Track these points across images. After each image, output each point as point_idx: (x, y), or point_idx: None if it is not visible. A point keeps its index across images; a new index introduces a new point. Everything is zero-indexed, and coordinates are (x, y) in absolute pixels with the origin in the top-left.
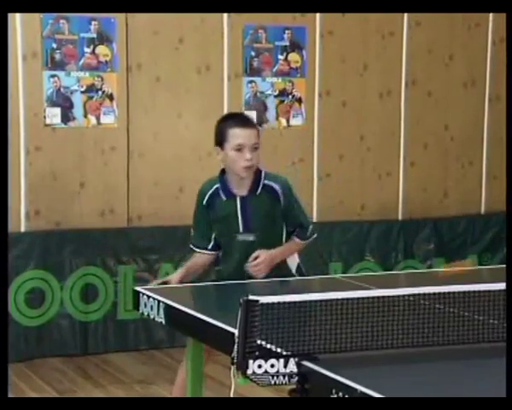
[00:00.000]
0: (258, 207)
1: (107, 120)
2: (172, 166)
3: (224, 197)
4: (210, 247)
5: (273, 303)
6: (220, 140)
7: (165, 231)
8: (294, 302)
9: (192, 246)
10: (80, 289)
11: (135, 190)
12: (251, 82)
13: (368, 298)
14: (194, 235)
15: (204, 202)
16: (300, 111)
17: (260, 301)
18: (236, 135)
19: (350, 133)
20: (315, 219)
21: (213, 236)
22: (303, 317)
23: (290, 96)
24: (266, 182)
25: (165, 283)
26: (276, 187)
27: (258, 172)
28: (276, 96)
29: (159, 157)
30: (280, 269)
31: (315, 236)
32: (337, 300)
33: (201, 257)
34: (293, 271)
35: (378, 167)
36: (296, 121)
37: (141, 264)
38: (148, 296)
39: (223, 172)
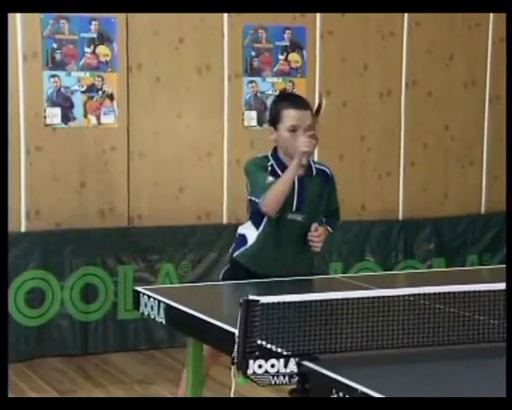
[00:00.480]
0: (313, 188)
1: (107, 120)
2: (172, 166)
3: (280, 174)
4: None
5: (273, 303)
6: (274, 120)
7: (165, 231)
8: (295, 302)
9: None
10: (80, 289)
11: (135, 189)
12: (251, 82)
13: (368, 298)
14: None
15: (266, 166)
16: None
17: (261, 301)
18: (291, 116)
19: (350, 133)
20: None
21: None
22: (303, 317)
23: None
24: (317, 166)
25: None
26: (328, 171)
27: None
28: None
29: (159, 157)
30: (307, 255)
31: (337, 227)
32: (337, 300)
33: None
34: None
35: (378, 167)
36: None
37: (141, 264)
38: (149, 296)
39: (275, 150)
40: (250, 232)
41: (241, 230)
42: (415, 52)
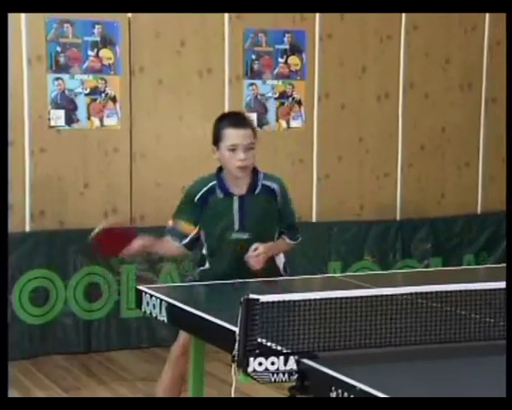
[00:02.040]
0: (256, 206)
1: (110, 121)
2: (174, 168)
3: (220, 195)
4: (184, 243)
5: (273, 302)
6: (216, 140)
7: None
8: (294, 301)
9: (169, 234)
10: (83, 288)
11: (137, 190)
12: (251, 85)
13: (366, 297)
14: (171, 228)
15: (196, 199)
16: (300, 113)
17: (261, 300)
18: (230, 135)
19: (349, 135)
20: (314, 220)
21: (192, 235)
22: (303, 315)
23: (290, 99)
24: (264, 182)
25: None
26: (274, 187)
27: (255, 172)
28: (276, 99)
29: (161, 158)
30: (269, 267)
31: (300, 239)
32: (336, 298)
33: (172, 244)
34: (281, 270)
35: (376, 169)
36: (296, 123)
37: (143, 263)
38: (151, 295)
39: (219, 170)
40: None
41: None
42: (412, 55)
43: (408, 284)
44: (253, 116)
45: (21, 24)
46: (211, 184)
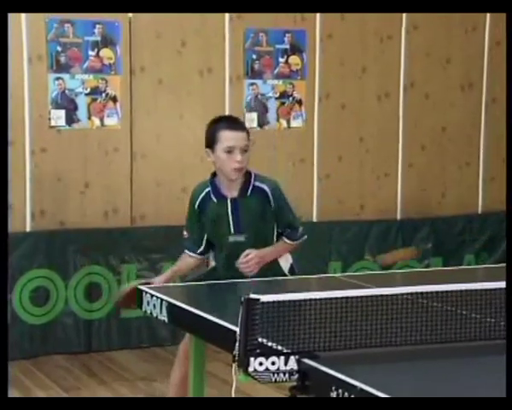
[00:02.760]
0: (248, 208)
1: (110, 121)
2: (174, 167)
3: (214, 200)
4: (199, 251)
5: (274, 302)
6: (211, 142)
7: (167, 231)
8: (295, 301)
9: (186, 249)
10: (84, 287)
11: (138, 190)
12: (252, 84)
13: (367, 297)
14: (187, 238)
15: (196, 205)
16: (300, 113)
17: (261, 300)
18: (227, 137)
19: (349, 135)
20: (314, 219)
21: (205, 239)
22: (303, 315)
23: (290, 99)
24: (256, 184)
25: (148, 283)
26: (266, 188)
27: (248, 175)
28: (276, 99)
29: (161, 158)
30: (271, 269)
31: (305, 237)
32: (337, 298)
33: (189, 260)
34: (286, 271)
35: (377, 168)
36: (296, 123)
37: (144, 263)
38: (152, 295)
39: (213, 175)
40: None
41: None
42: (412, 55)
43: (408, 283)
44: (254, 116)
45: (22, 24)
46: (206, 190)
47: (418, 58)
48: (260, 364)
